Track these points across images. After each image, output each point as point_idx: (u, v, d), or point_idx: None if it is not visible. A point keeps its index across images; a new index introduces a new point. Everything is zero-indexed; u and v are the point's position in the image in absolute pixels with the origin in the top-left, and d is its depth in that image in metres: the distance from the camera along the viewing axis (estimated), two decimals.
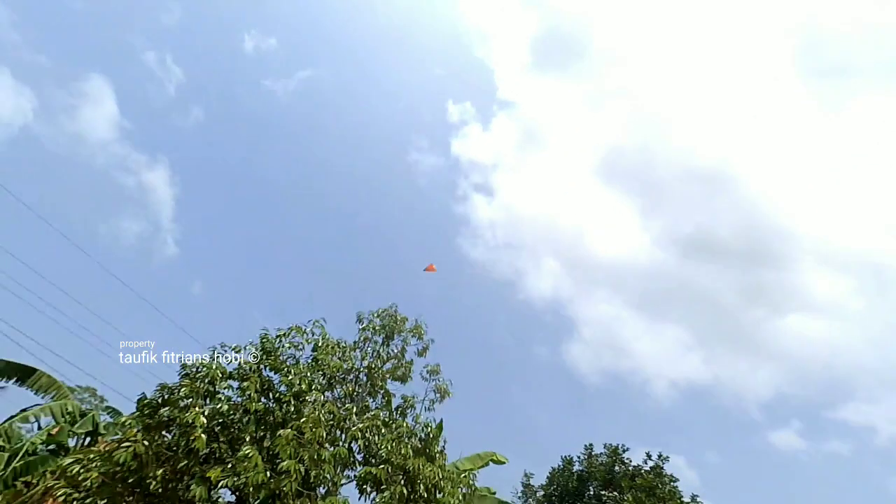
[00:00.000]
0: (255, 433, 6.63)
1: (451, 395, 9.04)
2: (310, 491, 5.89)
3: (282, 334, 8.26)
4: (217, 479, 5.58)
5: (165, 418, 6.49)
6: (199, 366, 7.13)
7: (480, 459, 10.49)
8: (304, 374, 7.42)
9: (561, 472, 19.28)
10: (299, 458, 5.73)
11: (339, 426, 6.91)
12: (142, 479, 5.87)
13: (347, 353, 8.94)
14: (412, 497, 6.18)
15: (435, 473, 6.50)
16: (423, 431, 7.47)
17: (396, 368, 9.38)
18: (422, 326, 9.91)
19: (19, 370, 12.67)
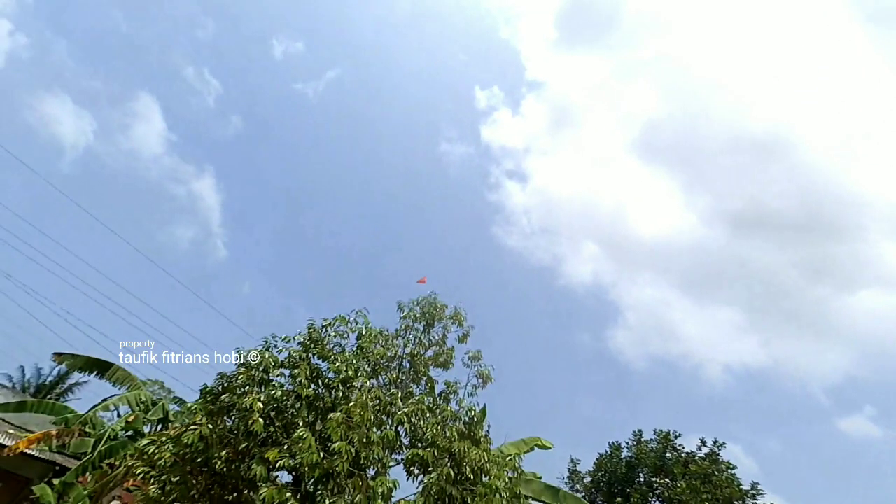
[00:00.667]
0: (307, 417, 6.96)
1: (493, 380, 9.06)
2: (360, 471, 6.13)
3: (327, 324, 8.60)
4: (275, 460, 5.92)
5: (226, 404, 6.96)
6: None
7: (525, 444, 10.48)
8: (350, 361, 7.68)
9: (609, 458, 18.92)
10: (349, 440, 5.97)
11: (385, 411, 7.11)
12: (208, 460, 6.34)
13: (390, 342, 9.17)
14: (459, 479, 6.29)
15: (480, 457, 6.57)
16: (467, 416, 7.55)
17: (438, 355, 9.51)
18: (461, 313, 9.96)
19: (98, 365, 13.99)
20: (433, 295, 9.94)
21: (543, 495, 9.15)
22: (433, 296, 9.93)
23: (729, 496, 15.50)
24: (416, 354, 8.91)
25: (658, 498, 16.49)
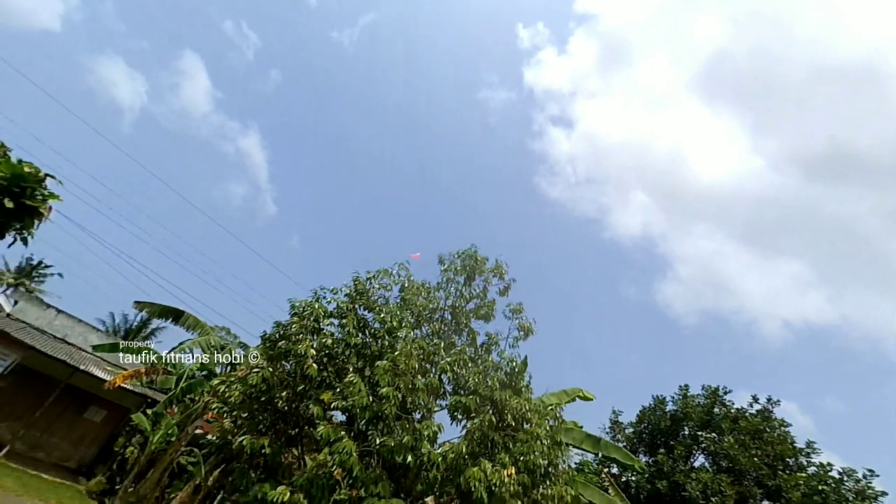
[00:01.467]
0: (356, 364, 7.38)
1: (534, 333, 9.05)
2: (407, 415, 6.49)
3: (371, 277, 8.85)
4: (329, 401, 6.39)
5: (283, 350, 7.50)
6: (305, 306, 8.01)
7: (567, 395, 10.61)
8: (394, 312, 7.93)
9: (652, 410, 18.89)
10: (396, 386, 6.28)
11: (429, 360, 7.36)
12: (271, 399, 6.97)
13: (432, 294, 9.33)
14: (500, 425, 6.50)
15: (521, 405, 6.71)
16: (508, 367, 7.66)
17: (479, 308, 9.58)
18: (502, 266, 9.87)
19: (173, 312, 15.51)
20: (473, 248, 9.88)
21: (584, 443, 9.34)
22: (473, 249, 9.86)
23: (780, 453, 15.11)
24: (457, 307, 9.03)
25: (704, 451, 16.41)
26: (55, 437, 14.99)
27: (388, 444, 5.68)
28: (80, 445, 15.45)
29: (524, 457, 6.16)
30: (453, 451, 5.71)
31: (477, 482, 5.30)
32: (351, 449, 5.39)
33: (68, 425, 15.24)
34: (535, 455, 6.13)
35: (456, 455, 5.69)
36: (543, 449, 6.20)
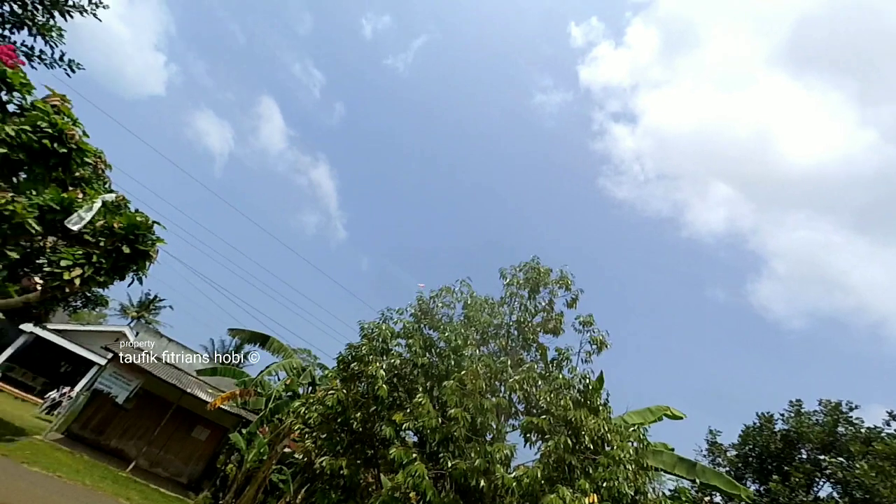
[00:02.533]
0: (424, 384, 7.42)
1: (608, 346, 8.47)
2: (477, 437, 6.34)
3: (434, 295, 8.94)
4: (401, 422, 6.46)
5: (355, 372, 7.78)
6: (373, 327, 8.28)
7: (652, 414, 9.70)
8: (458, 331, 7.89)
9: (758, 430, 16.62)
10: (464, 407, 6.18)
11: (497, 378, 7.18)
12: (346, 420, 7.22)
13: (496, 310, 9.16)
14: (577, 448, 6.09)
15: (600, 426, 6.24)
16: (581, 383, 7.21)
17: (546, 321, 9.21)
18: (568, 277, 9.44)
19: (260, 337, 16.91)
20: (535, 259, 9.59)
21: (677, 468, 8.41)
22: (535, 260, 9.57)
23: None
24: (522, 321, 8.76)
25: (829, 479, 14.02)
26: (170, 454, 16.86)
27: (460, 468, 5.56)
28: (190, 462, 17.20)
29: (607, 483, 5.69)
30: (528, 476, 5.44)
31: None
32: (423, 472, 5.36)
33: (179, 443, 17.08)
34: (620, 481, 5.63)
35: (531, 480, 5.40)
36: (628, 475, 5.67)
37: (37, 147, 6.62)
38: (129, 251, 7.28)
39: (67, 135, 6.80)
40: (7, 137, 6.46)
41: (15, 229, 6.17)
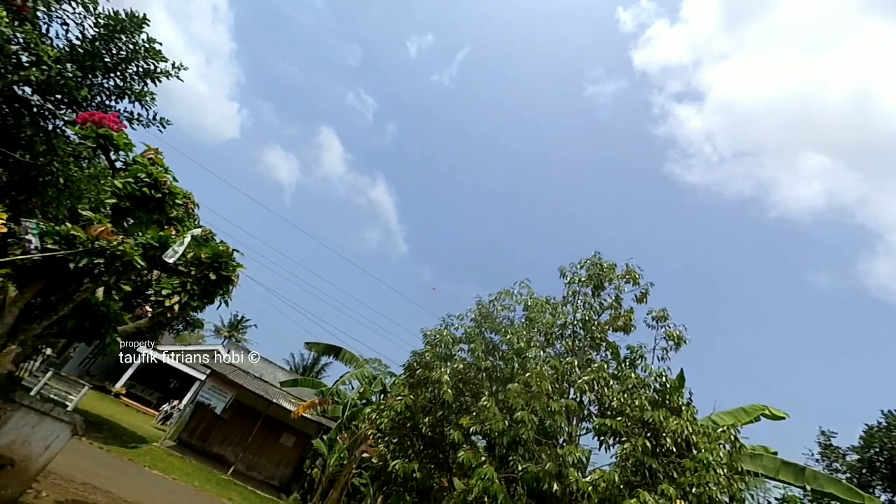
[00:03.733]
0: (490, 387, 7.40)
1: (686, 342, 7.85)
2: (548, 439, 6.17)
3: (493, 299, 8.91)
4: (468, 426, 6.49)
5: (421, 378, 7.97)
6: (435, 334, 8.44)
7: (746, 414, 8.79)
8: (521, 332, 7.78)
9: (885, 431, 14.32)
10: (531, 409, 6.07)
11: (564, 379, 6.96)
12: (416, 425, 7.41)
13: (558, 309, 8.90)
14: (658, 451, 5.69)
15: (683, 427, 5.78)
16: (657, 382, 6.74)
17: (615, 319, 8.76)
18: (634, 271, 8.92)
19: (333, 349, 17.93)
20: (597, 255, 9.18)
21: (781, 473, 7.52)
22: (597, 256, 9.17)
23: None
24: (588, 320, 8.41)
25: None
26: (262, 458, 18.37)
27: (531, 471, 5.46)
28: (280, 466, 18.61)
29: (696, 489, 5.24)
30: (605, 480, 5.18)
31: None
32: (492, 475, 5.33)
33: (270, 449, 18.55)
34: (711, 487, 5.16)
35: (608, 484, 5.14)
36: (720, 479, 5.18)
37: (139, 195, 7.68)
38: (215, 277, 8.15)
39: (161, 182, 7.81)
40: (117, 190, 7.57)
41: (125, 266, 7.17)
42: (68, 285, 7.03)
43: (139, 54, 9.57)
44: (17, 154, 9.18)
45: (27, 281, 6.83)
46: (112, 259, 6.85)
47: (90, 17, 9.06)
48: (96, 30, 9.16)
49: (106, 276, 7.17)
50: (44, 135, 9.37)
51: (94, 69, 9.30)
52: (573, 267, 9.16)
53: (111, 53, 9.38)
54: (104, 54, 9.30)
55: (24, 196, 9.73)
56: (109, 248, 6.78)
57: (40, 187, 9.79)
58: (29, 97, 9.08)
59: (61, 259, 6.61)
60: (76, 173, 10.30)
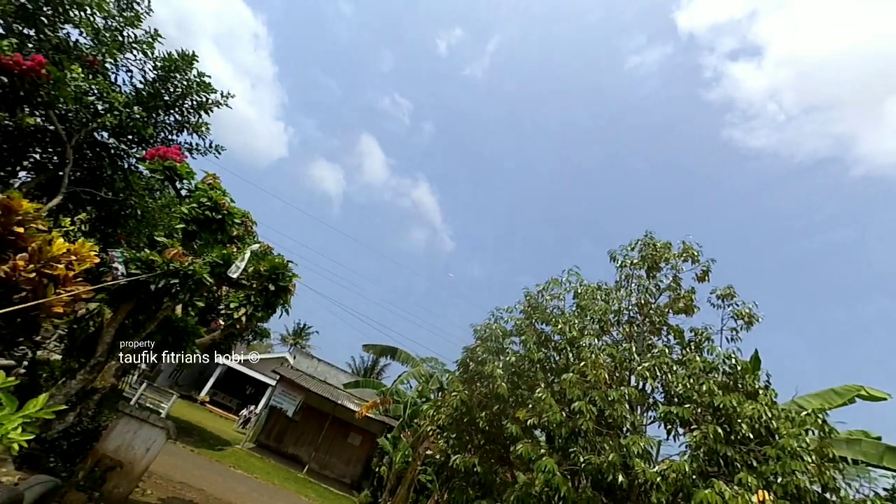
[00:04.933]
0: (545, 378, 7.27)
1: (759, 319, 7.23)
2: (609, 429, 5.95)
3: (541, 289, 8.73)
4: (525, 419, 6.42)
5: (474, 373, 8.00)
6: (485, 328, 8.43)
7: (838, 396, 7.92)
8: (572, 321, 7.57)
9: None
10: (589, 399, 5.88)
11: (623, 367, 6.67)
12: (473, 420, 7.44)
13: (611, 295, 8.55)
14: (734, 438, 5.27)
15: (760, 411, 5.32)
16: (726, 365, 6.25)
17: (675, 301, 8.27)
18: (692, 248, 8.36)
19: (390, 350, 18.48)
20: (649, 235, 8.70)
21: (887, 460, 6.69)
22: (649, 236, 8.69)
23: None
24: (644, 304, 8.00)
25: None
26: (333, 457, 19.33)
27: (593, 462, 5.28)
28: (349, 464, 19.48)
29: (783, 478, 4.81)
30: (674, 470, 4.90)
31: None
32: (553, 467, 5.23)
33: (339, 448, 19.48)
34: (798, 476, 4.71)
35: (678, 474, 4.85)
36: (808, 467, 4.71)
37: (202, 218, 8.39)
38: (273, 288, 8.72)
39: (220, 204, 8.48)
40: (184, 215, 8.32)
41: (197, 284, 7.86)
42: (151, 305, 7.84)
43: (192, 89, 10.45)
44: (102, 192, 10.38)
45: (119, 303, 7.70)
46: (185, 278, 7.55)
47: (149, 60, 10.03)
48: (154, 72, 10.11)
49: (182, 295, 7.93)
50: (121, 173, 10.51)
51: (156, 108, 10.28)
52: (623, 250, 8.75)
53: (169, 91, 10.31)
54: (163, 93, 10.25)
55: (110, 229, 10.97)
56: (182, 268, 7.48)
57: (122, 220, 10.98)
58: (106, 141, 10.23)
59: (144, 282, 7.38)
60: (151, 204, 11.45)
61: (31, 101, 8.36)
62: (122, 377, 13.81)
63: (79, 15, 8.85)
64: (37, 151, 9.82)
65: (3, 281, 5.54)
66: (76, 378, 6.91)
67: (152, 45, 9.92)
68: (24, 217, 5.81)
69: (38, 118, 8.86)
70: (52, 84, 8.07)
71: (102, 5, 8.98)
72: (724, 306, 7.59)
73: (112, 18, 9.38)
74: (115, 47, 9.48)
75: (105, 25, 9.40)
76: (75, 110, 8.98)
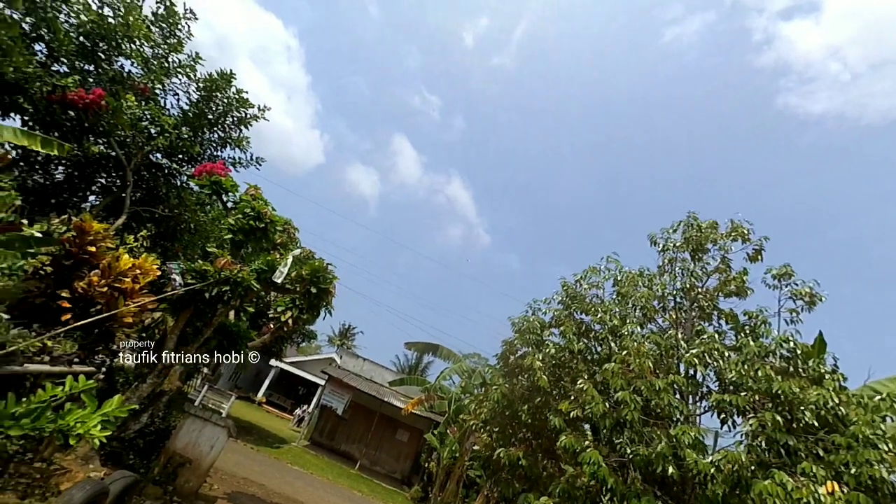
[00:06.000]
0: (587, 369, 7.11)
1: (822, 299, 6.68)
2: (657, 420, 5.72)
3: (579, 278, 8.52)
4: (567, 411, 6.31)
5: (514, 366, 7.97)
6: (523, 321, 8.36)
7: None
8: (612, 310, 7.34)
9: None
10: (634, 389, 5.69)
11: (669, 355, 6.39)
12: (515, 413, 7.41)
13: (654, 281, 8.21)
14: (796, 426, 4.91)
15: (826, 397, 4.92)
16: (784, 349, 5.82)
17: (725, 283, 7.81)
18: (742, 226, 7.85)
19: (431, 347, 18.73)
20: (692, 215, 8.26)
21: None
22: (692, 216, 8.25)
23: None
24: (690, 288, 7.61)
25: None
26: (383, 453, 19.87)
27: (641, 454, 5.11)
28: (399, 460, 19.94)
29: (855, 468, 4.44)
30: (730, 461, 4.64)
31: (776, 500, 4.10)
32: (597, 459, 5.11)
33: (388, 444, 19.99)
34: (874, 466, 4.32)
35: (735, 465, 4.59)
36: (884, 456, 4.31)
37: (247, 228, 8.89)
38: (315, 291, 9.10)
39: (263, 214, 8.95)
40: (231, 226, 8.86)
41: (246, 290, 8.36)
42: (207, 312, 8.42)
43: (232, 106, 11.09)
44: (159, 210, 11.25)
45: (179, 312, 8.33)
46: (235, 286, 8.05)
47: (192, 82, 10.75)
48: (198, 93, 10.82)
49: (233, 301, 8.46)
50: (175, 190, 11.34)
51: (201, 127, 11.00)
52: (665, 232, 8.36)
53: (211, 110, 10.99)
54: (206, 112, 10.94)
55: (168, 243, 11.87)
56: (232, 276, 7.98)
57: (178, 234, 11.85)
58: (160, 161, 11.07)
59: (199, 290, 7.93)
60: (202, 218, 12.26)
61: (95, 131, 9.22)
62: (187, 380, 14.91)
63: (129, 47, 9.62)
64: (102, 176, 10.82)
65: (82, 296, 6.17)
66: (146, 382, 7.56)
67: (194, 67, 10.60)
68: (96, 237, 6.43)
69: (100, 146, 9.75)
70: (111, 113, 8.85)
71: (150, 36, 9.71)
72: (780, 287, 7.07)
73: (158, 47, 10.12)
74: (162, 73, 10.24)
75: (153, 54, 10.17)
76: (132, 136, 9.79)
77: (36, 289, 5.87)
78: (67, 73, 8.82)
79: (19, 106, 8.02)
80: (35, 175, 9.87)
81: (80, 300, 6.10)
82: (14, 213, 5.67)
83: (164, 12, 9.93)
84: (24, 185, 9.24)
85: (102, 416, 3.99)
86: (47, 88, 7.93)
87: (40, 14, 7.83)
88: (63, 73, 8.66)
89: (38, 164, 9.84)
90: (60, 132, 8.80)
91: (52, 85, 7.99)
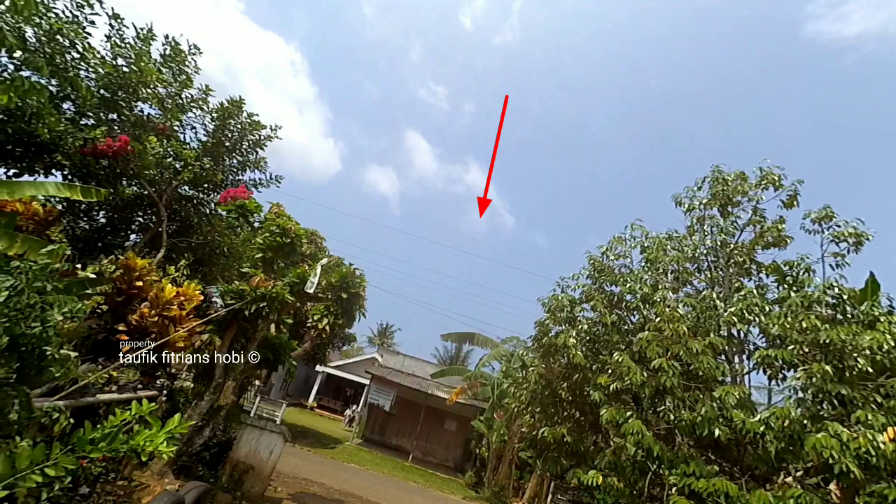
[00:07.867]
0: (623, 340, 7.03)
1: (869, 238, 6.30)
2: (699, 384, 5.61)
3: (605, 250, 8.38)
4: (607, 384, 6.28)
5: (549, 346, 7.97)
6: (552, 300, 8.33)
7: None
8: (642, 277, 7.20)
9: None
10: (672, 355, 5.59)
11: (706, 316, 6.22)
12: (554, 391, 7.44)
13: (684, 242, 7.96)
14: (848, 375, 4.67)
15: (881, 341, 4.66)
16: (828, 296, 5.53)
17: (761, 235, 7.49)
18: (772, 172, 7.47)
19: (466, 336, 18.91)
20: (716, 168, 7.93)
21: None
22: (717, 169, 7.92)
23: None
24: (723, 245, 7.34)
25: None
26: (433, 444, 20.34)
27: (685, 419, 5.04)
28: (449, 449, 20.36)
29: None
30: (778, 416, 4.50)
31: (833, 452, 3.95)
32: (640, 428, 5.08)
33: (437, 435, 20.43)
34: None
35: (784, 420, 4.45)
36: None
37: (275, 245, 9.28)
38: (346, 296, 9.41)
39: (287, 229, 9.31)
40: (260, 245, 9.28)
41: (281, 304, 8.77)
42: (249, 328, 8.90)
43: (246, 130, 11.51)
44: (194, 239, 11.89)
45: (224, 331, 8.84)
46: (271, 301, 8.46)
47: (206, 114, 11.23)
48: (213, 123, 11.29)
49: (271, 315, 8.89)
50: (205, 218, 11.94)
51: (220, 155, 11.48)
52: (689, 191, 8.07)
53: (227, 137, 11.45)
54: (223, 139, 11.41)
55: (206, 268, 12.53)
56: (267, 292, 8.39)
57: (214, 258, 12.48)
58: (188, 193, 11.67)
59: (240, 309, 8.39)
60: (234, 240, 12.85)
61: (126, 175, 9.83)
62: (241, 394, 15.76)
63: (146, 91, 10.15)
64: (139, 215, 11.53)
65: (136, 328, 6.69)
66: (204, 399, 8.10)
67: (206, 99, 11.06)
68: (141, 272, 6.93)
69: (133, 187, 10.39)
70: (137, 156, 9.41)
71: (162, 77, 10.21)
72: (822, 230, 6.70)
73: (170, 86, 10.62)
74: (177, 111, 10.74)
75: (167, 93, 10.68)
76: (159, 173, 10.37)
77: (97, 326, 6.40)
78: (95, 124, 9.42)
79: (58, 163, 8.67)
80: (81, 222, 10.65)
81: (135, 331, 6.61)
82: (67, 261, 6.20)
83: (171, 52, 10.39)
84: (73, 232, 10.01)
85: (167, 434, 4.36)
86: (79, 143, 8.52)
87: (63, 75, 8.38)
88: (91, 126, 9.26)
89: (82, 212, 10.61)
90: (97, 180, 9.44)
91: (83, 139, 8.57)
